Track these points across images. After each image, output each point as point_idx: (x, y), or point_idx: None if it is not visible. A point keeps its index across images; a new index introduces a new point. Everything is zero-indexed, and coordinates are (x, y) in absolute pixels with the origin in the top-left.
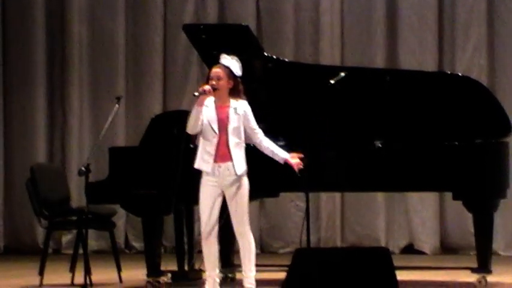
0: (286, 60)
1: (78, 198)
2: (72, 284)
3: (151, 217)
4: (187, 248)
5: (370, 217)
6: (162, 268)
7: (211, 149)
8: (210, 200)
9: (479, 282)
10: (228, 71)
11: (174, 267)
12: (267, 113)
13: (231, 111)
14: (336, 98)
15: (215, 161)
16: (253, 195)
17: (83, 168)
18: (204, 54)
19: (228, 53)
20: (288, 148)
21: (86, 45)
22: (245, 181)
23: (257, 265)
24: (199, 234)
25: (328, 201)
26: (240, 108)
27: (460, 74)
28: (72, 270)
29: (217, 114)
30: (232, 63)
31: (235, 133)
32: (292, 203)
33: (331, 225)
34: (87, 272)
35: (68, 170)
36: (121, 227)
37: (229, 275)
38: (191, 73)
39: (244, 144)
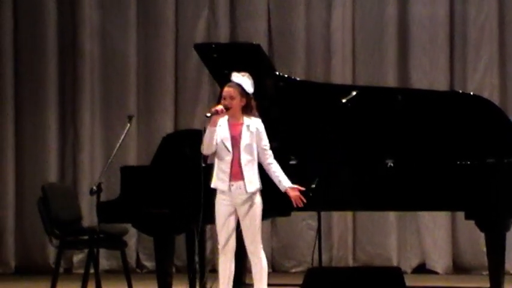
0: (298, 79)
1: (89, 217)
2: None
3: (163, 236)
4: (199, 267)
5: (381, 236)
6: (174, 287)
7: (226, 167)
8: (224, 219)
9: None
10: (241, 89)
11: (185, 286)
12: (278, 132)
13: (244, 129)
14: (348, 116)
15: (230, 179)
16: (265, 214)
17: (95, 188)
18: (216, 73)
19: (239, 71)
20: (300, 167)
21: (98, 64)
22: (257, 199)
23: (269, 284)
24: (211, 253)
25: (340, 221)
26: (253, 126)
27: (471, 93)
28: None
29: (231, 132)
30: (244, 80)
31: (248, 150)
32: (304, 222)
33: (342, 245)
34: None
35: (79, 189)
36: (132, 246)
37: None
38: (202, 92)
39: (256, 162)
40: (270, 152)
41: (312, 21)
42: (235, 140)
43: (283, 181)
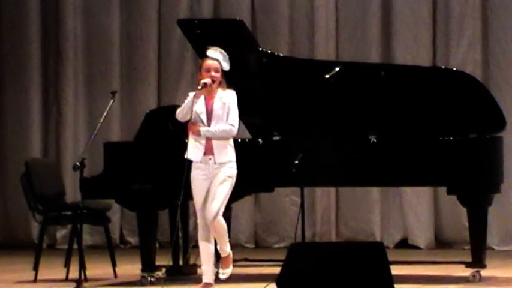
0: (281, 55)
1: (72, 193)
2: (67, 279)
3: (146, 212)
4: (182, 243)
5: (364, 212)
6: (157, 263)
7: (202, 140)
8: (201, 195)
9: (474, 276)
10: (218, 63)
11: (169, 262)
12: (261, 108)
13: (216, 101)
14: (331, 92)
15: (205, 153)
16: (248, 190)
17: (78, 163)
18: (199, 49)
19: (225, 48)
20: (283, 143)
21: (81, 41)
22: (230, 171)
23: (252, 260)
24: (195, 228)
25: (323, 196)
26: (226, 98)
27: (454, 69)
28: (67, 265)
29: (206, 106)
30: (222, 56)
31: (220, 123)
32: (287, 198)
33: (326, 220)
34: (82, 267)
35: (62, 165)
36: (116, 222)
37: None
38: (185, 68)
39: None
40: (233, 124)
41: None
42: (210, 114)
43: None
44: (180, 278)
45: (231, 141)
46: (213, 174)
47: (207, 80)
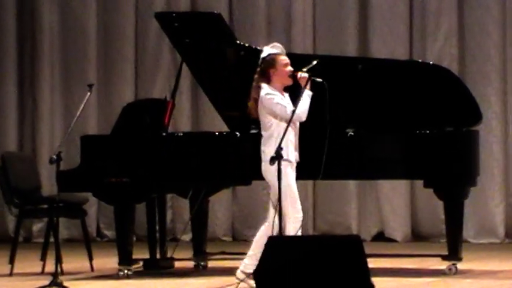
0: (259, 48)
1: (49, 186)
2: (43, 272)
3: (123, 205)
4: (159, 236)
5: (341, 205)
6: (134, 256)
7: (293, 138)
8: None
9: (450, 269)
10: None
11: (145, 255)
12: (239, 101)
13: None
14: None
15: (295, 149)
16: (225, 183)
17: (54, 157)
18: (176, 42)
19: (203, 41)
20: (260, 135)
21: (57, 33)
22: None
23: (229, 253)
24: (171, 222)
25: (300, 190)
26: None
27: (431, 63)
28: (43, 258)
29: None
30: (284, 53)
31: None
32: (264, 191)
33: (303, 213)
34: (58, 261)
35: (39, 158)
36: (93, 215)
37: (202, 263)
38: (162, 61)
39: None
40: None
41: None
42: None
43: None
44: (157, 271)
45: None
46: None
47: (305, 75)
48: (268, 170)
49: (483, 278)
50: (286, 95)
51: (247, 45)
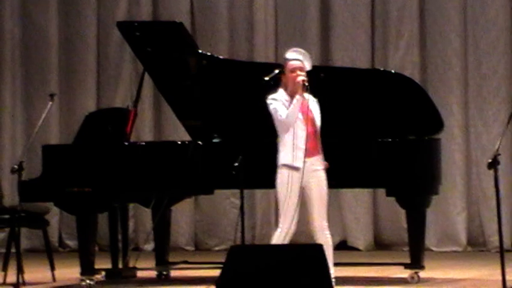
0: (221, 57)
1: (10, 196)
2: (5, 283)
3: (85, 215)
4: (122, 245)
5: (304, 214)
6: (96, 266)
7: (302, 143)
8: (296, 198)
9: (412, 277)
10: (301, 63)
11: (108, 265)
12: (201, 110)
13: (311, 104)
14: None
15: (305, 155)
16: (188, 192)
17: (16, 166)
18: (138, 51)
19: (164, 50)
20: (223, 145)
21: (19, 42)
22: (324, 174)
23: (191, 262)
24: (134, 231)
25: (263, 199)
26: (312, 100)
27: (392, 71)
28: (5, 269)
29: (301, 109)
30: (302, 56)
31: (317, 124)
32: (227, 200)
33: (265, 222)
34: (20, 271)
35: (0, 167)
36: (55, 225)
37: (164, 273)
38: (124, 70)
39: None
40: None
41: (234, 0)
42: (306, 115)
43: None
44: (120, 281)
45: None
46: (309, 177)
47: (302, 78)
48: (276, 177)
49: (445, 286)
50: (309, 96)
51: (209, 54)
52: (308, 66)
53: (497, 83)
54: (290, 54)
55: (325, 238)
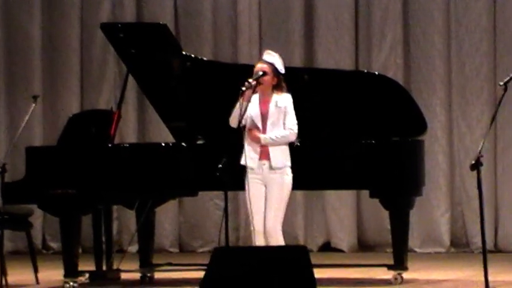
0: (205, 59)
1: None
2: None
3: (69, 217)
4: (106, 247)
5: (288, 215)
6: (80, 268)
7: (256, 145)
8: (258, 199)
9: (395, 279)
10: (273, 67)
11: (92, 267)
12: (185, 111)
13: (272, 105)
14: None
15: (260, 158)
16: (172, 194)
17: None
18: (122, 53)
19: (148, 52)
20: (207, 147)
21: (2, 44)
22: (286, 178)
23: (175, 264)
24: (118, 233)
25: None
26: (282, 101)
27: (376, 73)
28: None
29: (260, 110)
30: (276, 60)
31: (275, 127)
32: (211, 201)
33: (249, 224)
34: (3, 273)
35: None
36: (38, 227)
37: (148, 275)
38: (108, 72)
39: None
40: (292, 129)
41: (218, 1)
42: (264, 117)
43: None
44: (104, 283)
45: (287, 146)
46: (268, 179)
47: (251, 80)
48: None
49: (428, 287)
50: (280, 97)
51: (193, 56)
52: (280, 69)
53: (480, 84)
54: (263, 56)
55: (275, 242)
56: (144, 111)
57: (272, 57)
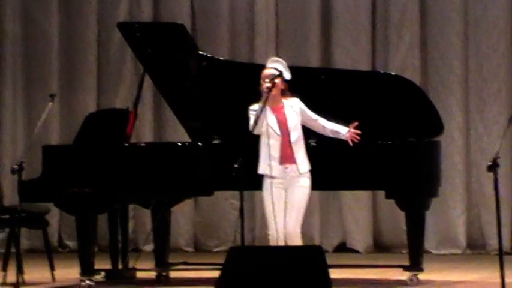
0: (221, 58)
1: (11, 196)
2: (5, 283)
3: (85, 215)
4: (121, 246)
5: (304, 216)
6: (96, 267)
7: (276, 152)
8: (280, 203)
9: (411, 280)
10: (280, 73)
11: (108, 265)
12: (201, 111)
13: (288, 110)
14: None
15: (281, 163)
16: (188, 193)
17: (16, 167)
18: (139, 52)
19: (165, 51)
20: (223, 146)
21: (20, 43)
22: (308, 181)
23: (191, 263)
24: (133, 232)
25: (263, 200)
26: (295, 106)
27: (393, 74)
28: (5, 269)
29: (277, 117)
30: (281, 66)
31: (296, 131)
32: (227, 201)
33: (265, 224)
34: (20, 271)
35: (0, 168)
36: (54, 225)
37: (164, 274)
38: (125, 71)
39: (303, 141)
40: (319, 117)
41: (235, 1)
42: (282, 123)
43: (340, 130)
44: (119, 281)
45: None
46: (290, 183)
47: (269, 84)
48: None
49: None
50: (291, 102)
51: (209, 55)
52: (286, 75)
53: (498, 85)
54: (268, 62)
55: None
56: (161, 111)
57: (278, 63)
